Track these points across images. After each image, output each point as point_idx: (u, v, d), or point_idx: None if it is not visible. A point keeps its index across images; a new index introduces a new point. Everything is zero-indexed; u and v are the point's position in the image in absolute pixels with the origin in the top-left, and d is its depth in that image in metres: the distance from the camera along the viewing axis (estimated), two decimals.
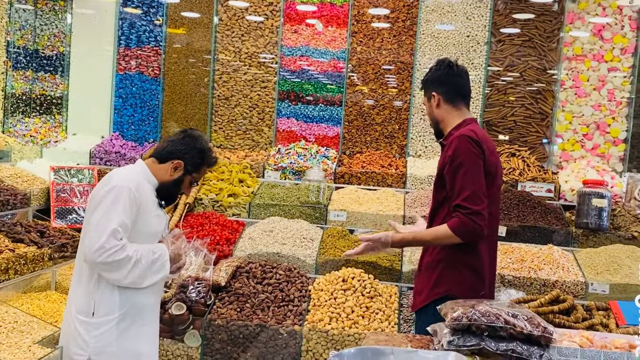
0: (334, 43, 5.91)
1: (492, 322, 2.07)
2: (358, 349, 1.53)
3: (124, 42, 6.12)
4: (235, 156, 5.76)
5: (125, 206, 2.62)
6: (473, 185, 2.64)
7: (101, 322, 2.66)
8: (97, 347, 2.65)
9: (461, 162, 2.66)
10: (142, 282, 2.68)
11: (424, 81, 2.98)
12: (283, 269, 4.30)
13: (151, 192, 2.80)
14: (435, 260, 2.83)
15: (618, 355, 2.05)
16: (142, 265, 2.64)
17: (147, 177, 2.80)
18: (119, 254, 2.57)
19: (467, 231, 2.64)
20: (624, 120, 5.52)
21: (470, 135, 2.69)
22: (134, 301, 2.71)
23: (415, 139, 5.81)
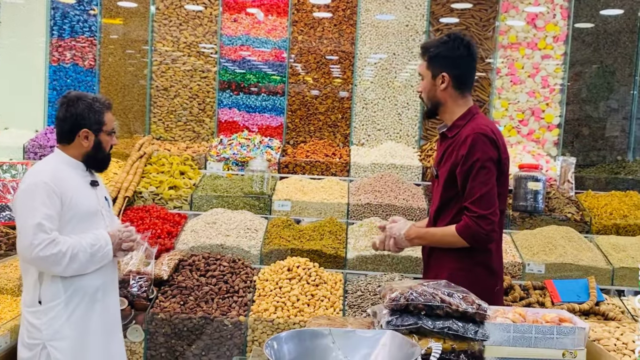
0: (275, 32, 5.87)
1: (428, 301, 2.10)
2: (294, 331, 1.53)
3: (56, 33, 5.89)
4: (176, 148, 5.66)
5: (43, 200, 2.65)
6: (484, 188, 2.53)
7: (49, 308, 2.71)
8: (48, 332, 2.70)
9: (474, 162, 2.53)
10: (87, 270, 2.75)
11: (433, 55, 2.67)
12: (227, 261, 4.26)
13: (76, 174, 2.81)
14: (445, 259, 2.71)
15: (547, 328, 2.12)
16: (80, 259, 2.68)
17: (65, 161, 2.81)
18: (50, 247, 2.60)
19: (472, 235, 2.55)
20: (557, 106, 5.71)
21: (487, 133, 2.55)
22: (78, 284, 2.76)
23: (358, 127, 5.85)
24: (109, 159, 2.97)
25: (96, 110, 2.79)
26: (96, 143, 2.82)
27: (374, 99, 5.83)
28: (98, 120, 2.80)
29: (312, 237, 4.57)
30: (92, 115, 2.78)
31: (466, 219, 2.56)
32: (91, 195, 2.86)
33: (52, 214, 2.64)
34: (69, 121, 2.78)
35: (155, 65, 5.87)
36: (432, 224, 2.81)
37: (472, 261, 2.67)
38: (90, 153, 2.83)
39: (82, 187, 2.81)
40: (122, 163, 5.29)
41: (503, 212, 2.69)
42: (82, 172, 2.86)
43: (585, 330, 2.14)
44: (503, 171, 2.63)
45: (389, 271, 4.32)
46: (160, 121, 5.90)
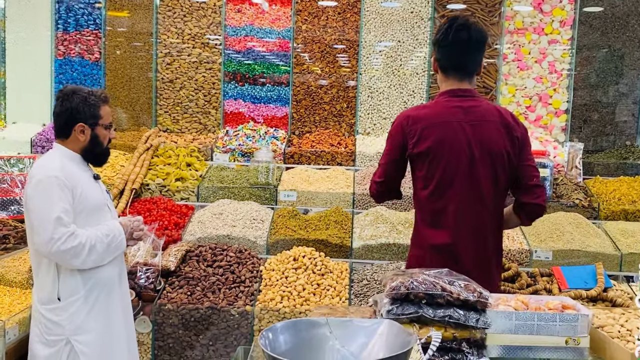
0: (279, 22, 5.85)
1: (429, 289, 2.10)
2: (290, 322, 1.53)
3: (62, 26, 5.91)
4: (183, 140, 5.67)
5: (58, 194, 2.66)
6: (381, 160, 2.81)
7: (69, 303, 2.73)
8: (71, 327, 2.73)
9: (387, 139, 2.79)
10: (103, 261, 2.78)
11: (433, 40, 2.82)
12: (234, 251, 4.27)
13: (79, 168, 2.81)
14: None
15: (550, 316, 2.11)
16: (98, 250, 2.70)
17: (67, 155, 2.80)
18: (71, 241, 2.61)
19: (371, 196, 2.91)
20: (565, 91, 5.65)
21: (406, 114, 2.71)
22: (96, 277, 2.78)
23: (364, 116, 5.83)
24: (108, 154, 2.96)
25: (91, 104, 2.77)
26: (93, 137, 2.80)
27: (380, 88, 5.80)
28: (93, 114, 2.78)
29: (318, 226, 4.58)
30: (88, 109, 2.76)
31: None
32: (97, 189, 2.88)
33: (68, 208, 2.66)
34: (64, 115, 2.77)
35: (160, 57, 5.87)
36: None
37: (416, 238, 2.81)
38: (87, 147, 2.82)
39: (87, 180, 2.83)
40: (129, 155, 5.32)
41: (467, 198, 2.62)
42: (84, 166, 2.87)
43: (588, 317, 2.13)
44: (422, 152, 2.60)
45: (395, 260, 4.32)
46: (166, 113, 5.91)
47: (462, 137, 2.59)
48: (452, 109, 2.62)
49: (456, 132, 2.59)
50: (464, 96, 2.64)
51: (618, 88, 5.73)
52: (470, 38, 2.61)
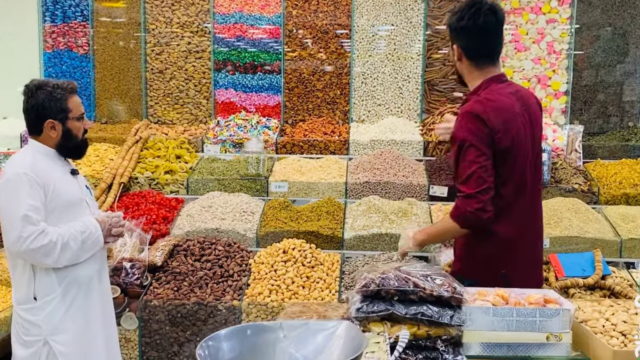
0: (269, 8, 5.71)
1: (401, 286, 2.00)
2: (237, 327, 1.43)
3: (49, 19, 5.81)
4: (174, 131, 5.57)
5: (27, 191, 2.58)
6: (472, 167, 2.38)
7: (45, 303, 2.67)
8: (48, 327, 2.67)
9: (462, 142, 2.42)
10: (79, 259, 2.70)
11: (447, 25, 2.61)
12: (222, 245, 4.19)
13: (54, 164, 2.74)
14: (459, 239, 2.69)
15: (530, 311, 2.01)
16: (72, 247, 2.63)
17: (41, 151, 2.73)
18: (41, 239, 2.55)
19: (461, 217, 2.40)
20: (565, 72, 5.48)
21: (475, 110, 2.41)
22: (72, 275, 2.72)
23: (358, 103, 5.70)
24: (85, 145, 2.87)
25: (57, 98, 2.67)
26: (65, 132, 2.72)
27: (373, 73, 5.66)
28: (61, 108, 2.68)
29: (310, 218, 4.48)
30: (54, 104, 2.67)
31: (457, 201, 2.44)
32: (73, 184, 2.80)
33: (37, 205, 2.58)
34: (32, 113, 2.69)
35: (149, 47, 5.76)
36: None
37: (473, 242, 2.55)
38: (61, 143, 2.74)
39: (63, 176, 2.75)
40: (119, 148, 5.23)
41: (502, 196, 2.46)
42: (61, 161, 2.79)
43: (570, 312, 2.02)
44: (501, 149, 2.43)
45: (387, 250, 4.21)
46: (157, 104, 5.81)
47: (527, 125, 2.52)
48: (509, 96, 2.49)
49: (523, 121, 2.50)
50: (506, 81, 2.56)
51: (620, 67, 5.55)
52: (498, 21, 2.50)
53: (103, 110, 5.88)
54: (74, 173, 2.84)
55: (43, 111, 2.67)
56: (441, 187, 4.67)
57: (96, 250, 2.77)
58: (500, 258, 2.53)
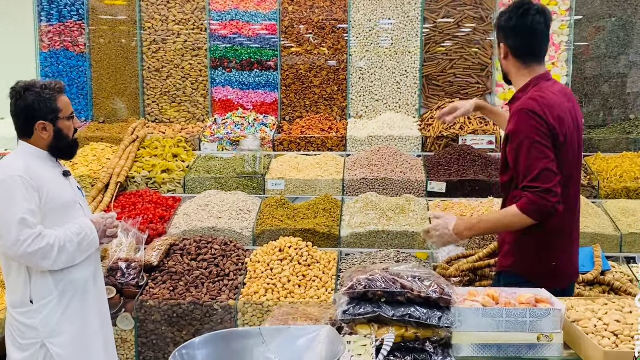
0: (265, 4, 5.67)
1: (388, 287, 1.96)
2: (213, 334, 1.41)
3: (45, 19, 5.79)
4: (171, 130, 5.55)
5: (23, 194, 2.56)
6: (542, 163, 2.41)
7: (42, 306, 2.66)
8: (46, 330, 2.65)
9: (524, 139, 2.44)
10: (75, 261, 2.69)
11: (495, 25, 2.71)
12: (219, 244, 4.17)
13: (47, 166, 2.71)
14: (510, 235, 2.66)
15: (520, 311, 1.97)
16: (68, 249, 2.62)
17: (33, 154, 2.69)
18: (38, 242, 2.54)
19: (538, 210, 2.40)
20: (564, 65, 5.42)
21: (532, 108, 2.45)
22: (69, 278, 2.70)
23: (356, 99, 5.65)
24: (76, 145, 2.83)
25: (46, 99, 2.63)
26: (56, 132, 2.68)
27: (371, 69, 5.61)
28: (51, 108, 2.64)
29: (307, 215, 4.45)
30: (44, 105, 2.63)
31: (529, 195, 2.41)
32: (66, 186, 2.78)
33: (33, 208, 2.56)
34: (22, 115, 2.65)
35: (145, 46, 5.74)
36: (504, 192, 2.72)
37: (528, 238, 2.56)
38: (52, 144, 2.70)
39: (55, 178, 2.73)
40: (116, 148, 5.22)
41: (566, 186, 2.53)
42: (52, 163, 2.76)
43: (561, 312, 1.98)
44: (557, 144, 2.48)
45: (384, 247, 4.18)
46: (154, 103, 5.79)
47: (574, 122, 2.59)
48: (558, 94, 2.56)
49: (571, 118, 2.57)
50: (552, 80, 2.63)
51: (622, 60, 5.48)
52: (546, 22, 2.57)
53: (100, 110, 5.86)
54: (66, 175, 2.82)
55: (33, 113, 2.63)
56: (439, 183, 4.63)
57: (92, 251, 2.76)
58: (550, 250, 2.59)
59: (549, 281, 2.53)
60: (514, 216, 2.46)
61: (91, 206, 4.38)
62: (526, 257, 2.59)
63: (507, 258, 2.67)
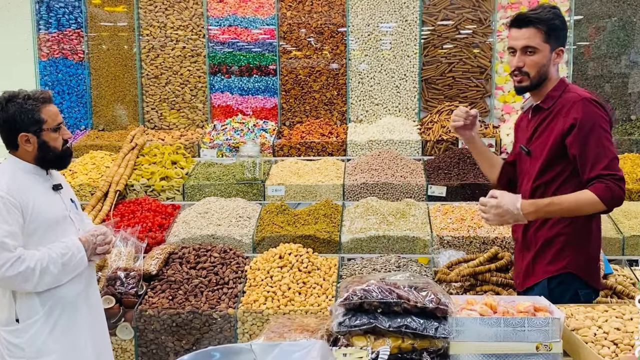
0: (262, 10, 5.65)
1: (384, 297, 1.94)
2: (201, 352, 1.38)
3: (43, 27, 5.80)
4: (170, 137, 5.54)
5: (3, 216, 2.48)
6: (612, 150, 2.45)
7: (28, 325, 2.59)
8: (32, 350, 2.59)
9: (593, 127, 2.43)
10: (61, 282, 2.61)
11: (553, 27, 2.51)
12: (218, 251, 4.15)
13: (35, 180, 2.61)
14: (554, 233, 2.56)
15: (518, 320, 1.94)
16: (52, 272, 2.54)
17: (20, 167, 2.60)
18: (17, 266, 2.46)
19: (614, 198, 2.39)
20: (564, 66, 5.38)
21: (594, 97, 2.50)
22: (56, 296, 2.63)
23: (355, 104, 5.63)
24: (66, 156, 2.71)
25: (29, 110, 2.53)
26: (40, 144, 2.58)
27: (370, 73, 5.59)
28: (34, 119, 2.54)
29: (307, 221, 4.43)
30: (26, 117, 2.52)
31: (607, 182, 2.39)
32: (55, 201, 2.68)
33: (13, 230, 2.48)
34: (5, 127, 2.55)
35: (144, 53, 5.73)
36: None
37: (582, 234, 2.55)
38: (38, 156, 2.60)
39: (44, 193, 2.62)
40: (115, 156, 5.21)
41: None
42: (42, 176, 2.66)
43: (560, 321, 1.95)
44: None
45: (385, 253, 4.15)
46: (153, 110, 5.78)
47: None
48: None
49: None
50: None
51: (623, 60, 5.44)
52: None
53: (100, 118, 5.86)
54: (56, 188, 2.71)
55: (15, 125, 2.52)
56: (439, 187, 4.60)
57: (80, 270, 2.66)
58: (598, 249, 2.63)
59: (599, 281, 2.63)
60: (589, 204, 2.40)
61: (90, 215, 4.37)
62: (583, 254, 2.55)
63: (563, 260, 2.54)
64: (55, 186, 2.70)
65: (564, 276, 2.54)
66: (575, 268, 2.54)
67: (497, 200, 2.46)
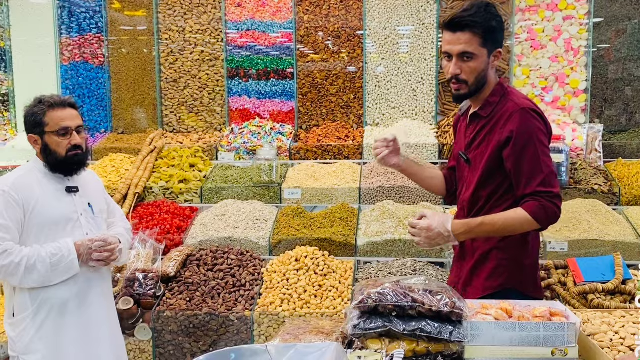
0: (280, 14, 5.69)
1: (399, 301, 1.95)
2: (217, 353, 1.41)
3: (65, 32, 5.90)
4: (189, 140, 5.60)
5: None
6: (549, 164, 2.30)
7: (20, 320, 2.66)
8: (21, 345, 2.65)
9: (530, 140, 2.28)
10: (51, 282, 2.63)
11: (489, 29, 2.33)
12: (235, 254, 4.18)
13: (46, 181, 2.67)
14: (490, 247, 2.45)
15: (533, 325, 1.94)
16: (39, 270, 2.56)
17: (37, 166, 2.70)
18: (2, 259, 2.52)
19: (548, 216, 2.27)
20: (583, 70, 5.34)
21: (534, 107, 2.34)
22: (44, 296, 2.64)
23: (372, 107, 5.64)
24: (72, 162, 2.68)
25: (36, 113, 2.63)
26: (43, 147, 2.65)
27: (387, 76, 5.60)
28: (37, 122, 2.62)
29: (323, 224, 4.44)
30: (32, 119, 2.64)
31: (542, 200, 2.27)
32: (65, 202, 2.70)
33: (6, 224, 2.54)
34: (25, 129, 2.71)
35: (162, 57, 5.80)
36: (466, 214, 2.49)
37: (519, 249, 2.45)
38: (44, 158, 2.68)
39: (53, 194, 2.66)
40: (134, 158, 5.28)
41: None
42: (57, 177, 2.70)
43: (576, 326, 1.94)
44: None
45: (401, 256, 4.15)
46: (172, 113, 5.84)
47: None
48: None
49: None
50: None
51: None
52: None
53: (119, 121, 5.94)
54: (70, 190, 2.73)
55: (26, 126, 2.68)
56: None
57: (71, 273, 2.64)
58: (536, 260, 2.52)
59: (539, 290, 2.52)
60: (523, 223, 2.28)
61: None
62: (521, 268, 2.44)
63: (498, 274, 2.43)
64: (69, 188, 2.73)
65: (504, 292, 2.39)
66: (513, 284, 2.42)
67: (427, 222, 2.33)
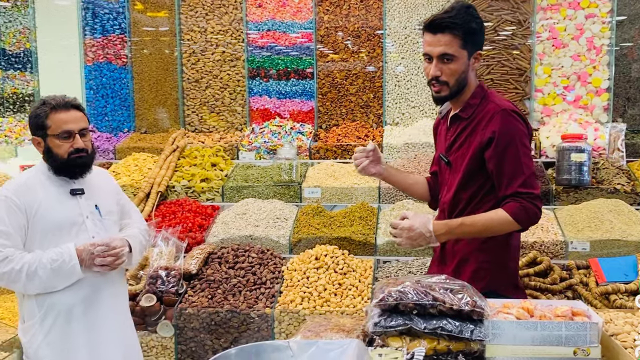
0: (300, 14, 5.73)
1: (420, 299, 1.96)
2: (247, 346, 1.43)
3: (89, 33, 6.00)
4: (210, 139, 5.66)
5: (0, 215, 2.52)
6: (530, 166, 2.32)
7: (29, 326, 2.63)
8: (31, 351, 2.63)
9: (511, 142, 2.30)
10: (54, 288, 2.57)
11: (469, 31, 2.33)
12: (256, 252, 4.22)
13: (51, 183, 2.62)
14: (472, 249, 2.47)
15: (555, 324, 1.94)
16: (40, 276, 2.50)
17: (42, 169, 2.66)
18: (3, 266, 2.48)
19: (529, 217, 2.29)
20: (606, 68, 5.29)
21: (514, 108, 2.35)
22: (50, 302, 2.59)
23: (392, 106, 5.65)
24: (74, 165, 2.61)
25: (39, 115, 2.57)
26: (45, 149, 2.60)
27: (406, 75, 5.60)
28: (39, 124, 2.58)
29: (343, 223, 4.47)
30: (34, 121, 2.59)
31: (522, 201, 2.28)
32: (67, 206, 2.63)
33: (7, 230, 2.49)
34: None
35: (184, 57, 5.87)
36: (447, 216, 2.51)
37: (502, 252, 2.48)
38: (47, 160, 2.64)
39: (55, 197, 2.61)
40: (157, 158, 5.35)
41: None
42: (61, 179, 2.64)
43: (598, 326, 1.94)
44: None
45: (420, 256, 4.16)
46: (194, 113, 5.91)
47: None
48: None
49: None
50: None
51: None
52: None
53: (142, 120, 6.02)
54: (75, 193, 2.66)
55: (29, 128, 2.64)
56: None
57: (74, 279, 2.57)
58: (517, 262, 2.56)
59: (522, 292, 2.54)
60: (503, 224, 2.30)
61: None
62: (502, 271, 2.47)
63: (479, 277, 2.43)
64: (73, 190, 2.66)
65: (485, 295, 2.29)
66: (495, 287, 2.41)
67: (409, 222, 2.32)
